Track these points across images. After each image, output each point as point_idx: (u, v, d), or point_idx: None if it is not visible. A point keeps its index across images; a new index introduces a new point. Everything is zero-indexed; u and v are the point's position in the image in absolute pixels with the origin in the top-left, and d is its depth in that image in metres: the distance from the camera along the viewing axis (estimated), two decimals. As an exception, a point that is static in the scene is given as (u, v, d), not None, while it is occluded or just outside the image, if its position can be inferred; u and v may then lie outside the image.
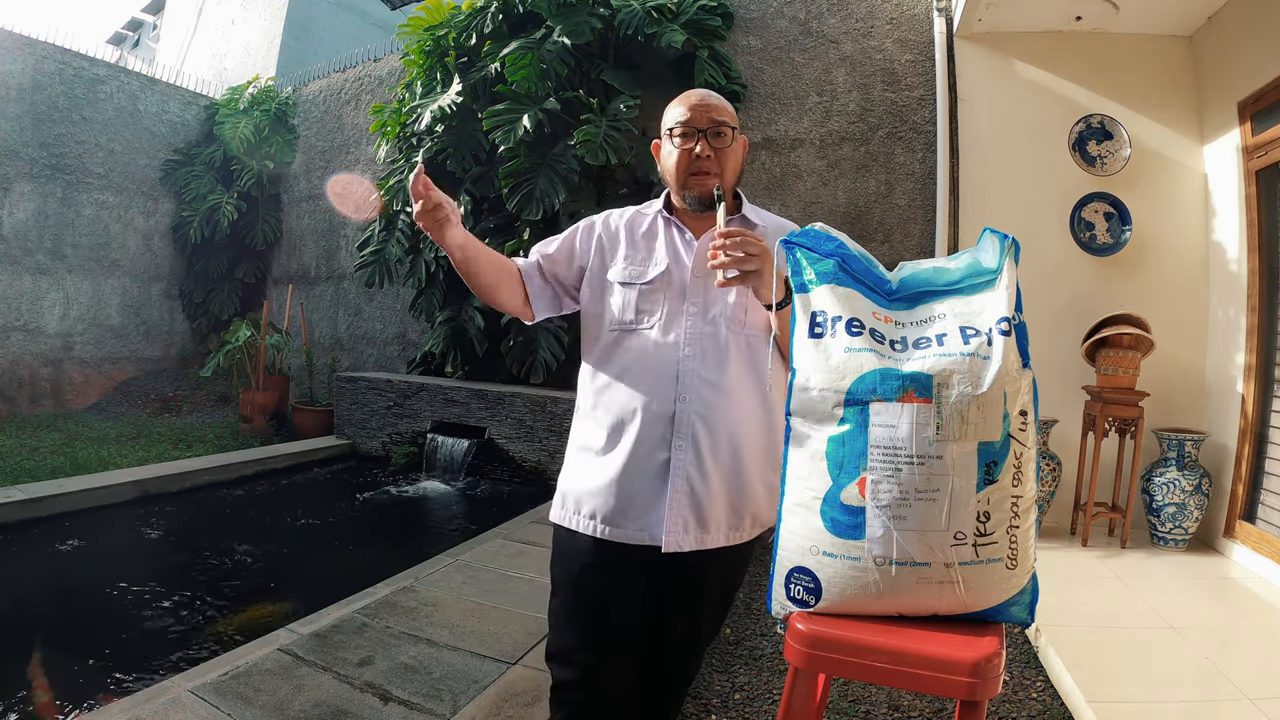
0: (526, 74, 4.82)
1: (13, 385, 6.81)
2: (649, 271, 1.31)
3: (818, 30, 4.84)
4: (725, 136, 1.29)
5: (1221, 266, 3.54)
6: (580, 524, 1.28)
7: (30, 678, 2.25)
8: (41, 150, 6.93)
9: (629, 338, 1.29)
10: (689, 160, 1.28)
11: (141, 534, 3.68)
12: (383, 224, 5.99)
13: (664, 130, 1.33)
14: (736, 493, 1.26)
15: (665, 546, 1.22)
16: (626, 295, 1.31)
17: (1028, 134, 3.92)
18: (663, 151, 1.34)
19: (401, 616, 2.40)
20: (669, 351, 1.26)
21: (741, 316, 1.27)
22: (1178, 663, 2.23)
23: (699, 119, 1.28)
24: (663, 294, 1.29)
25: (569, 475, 1.35)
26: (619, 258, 1.35)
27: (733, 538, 1.28)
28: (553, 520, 1.36)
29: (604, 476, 1.27)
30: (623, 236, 1.37)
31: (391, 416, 5.48)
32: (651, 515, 1.24)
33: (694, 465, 1.23)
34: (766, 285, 1.16)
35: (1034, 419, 1.03)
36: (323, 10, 11.56)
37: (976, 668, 0.92)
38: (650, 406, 1.24)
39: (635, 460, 1.25)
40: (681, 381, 1.24)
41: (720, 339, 1.26)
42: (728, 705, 2.08)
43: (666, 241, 1.34)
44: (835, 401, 1.03)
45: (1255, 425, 3.19)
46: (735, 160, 1.32)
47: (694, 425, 1.23)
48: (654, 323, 1.28)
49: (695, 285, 1.29)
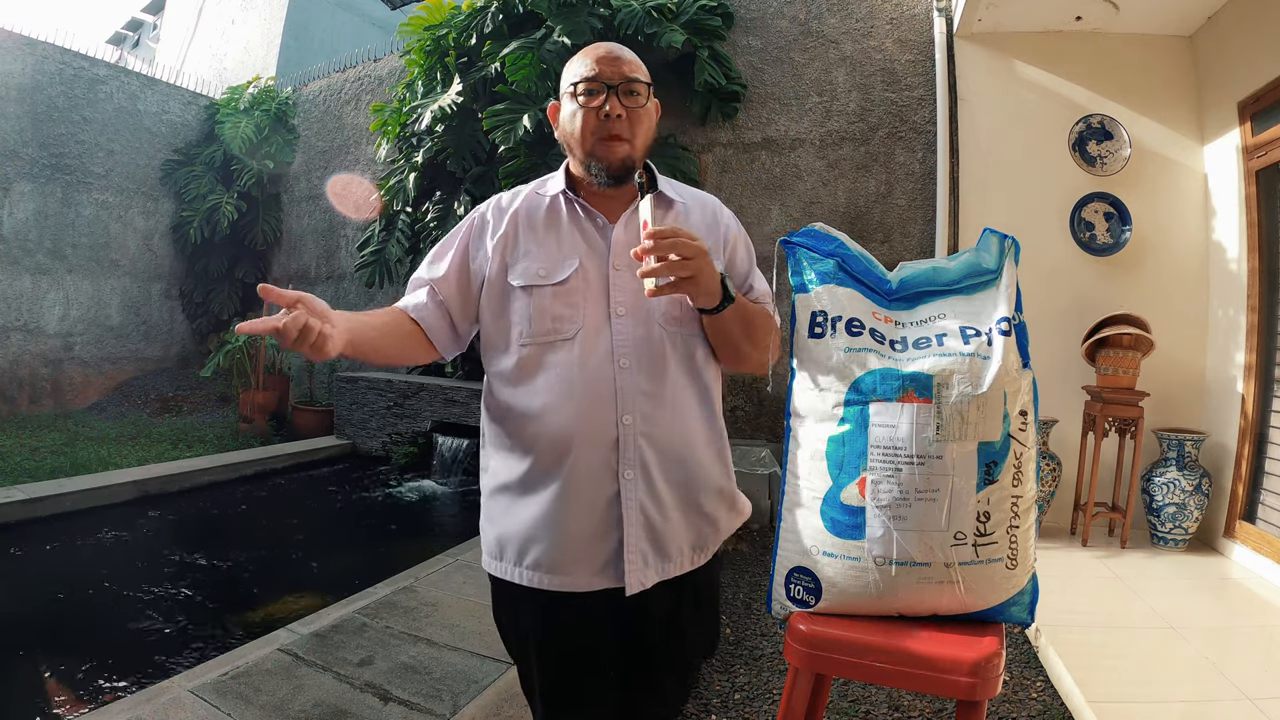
0: (526, 74, 4.82)
1: (13, 385, 6.81)
2: (560, 270, 1.08)
3: (818, 30, 4.84)
4: (639, 95, 1.09)
5: (1221, 266, 3.54)
6: (523, 576, 1.08)
7: (31, 677, 2.25)
8: (41, 150, 6.93)
9: (548, 352, 1.07)
10: (596, 121, 1.07)
11: (142, 534, 3.68)
12: (383, 224, 5.99)
13: (565, 88, 1.11)
14: (695, 512, 1.11)
15: (629, 589, 1.05)
16: (537, 301, 1.07)
17: (1028, 134, 3.91)
18: (564, 113, 1.12)
19: (401, 616, 2.40)
20: (602, 365, 1.05)
21: (677, 313, 1.09)
22: (1178, 663, 2.23)
23: (609, 73, 1.07)
24: (581, 295, 1.08)
25: (495, 520, 1.14)
26: (519, 255, 1.11)
27: (698, 559, 1.13)
28: (489, 571, 1.15)
29: (539, 519, 1.07)
30: (521, 227, 1.13)
31: (391, 416, 5.48)
32: (603, 556, 1.06)
33: (647, 494, 1.06)
34: (704, 291, 0.99)
35: (1034, 419, 1.03)
36: (323, 10, 11.56)
37: (976, 668, 0.92)
38: (588, 432, 1.04)
39: (577, 496, 1.05)
40: (622, 399, 1.05)
41: (656, 343, 1.08)
42: (728, 705, 2.08)
43: (574, 228, 1.12)
44: (835, 401, 1.03)
45: (1255, 425, 3.19)
46: (649, 125, 1.12)
47: (641, 448, 1.05)
48: (576, 331, 1.06)
49: (619, 280, 1.09)
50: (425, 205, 5.71)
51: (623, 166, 1.09)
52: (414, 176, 5.66)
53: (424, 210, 5.69)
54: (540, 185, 1.18)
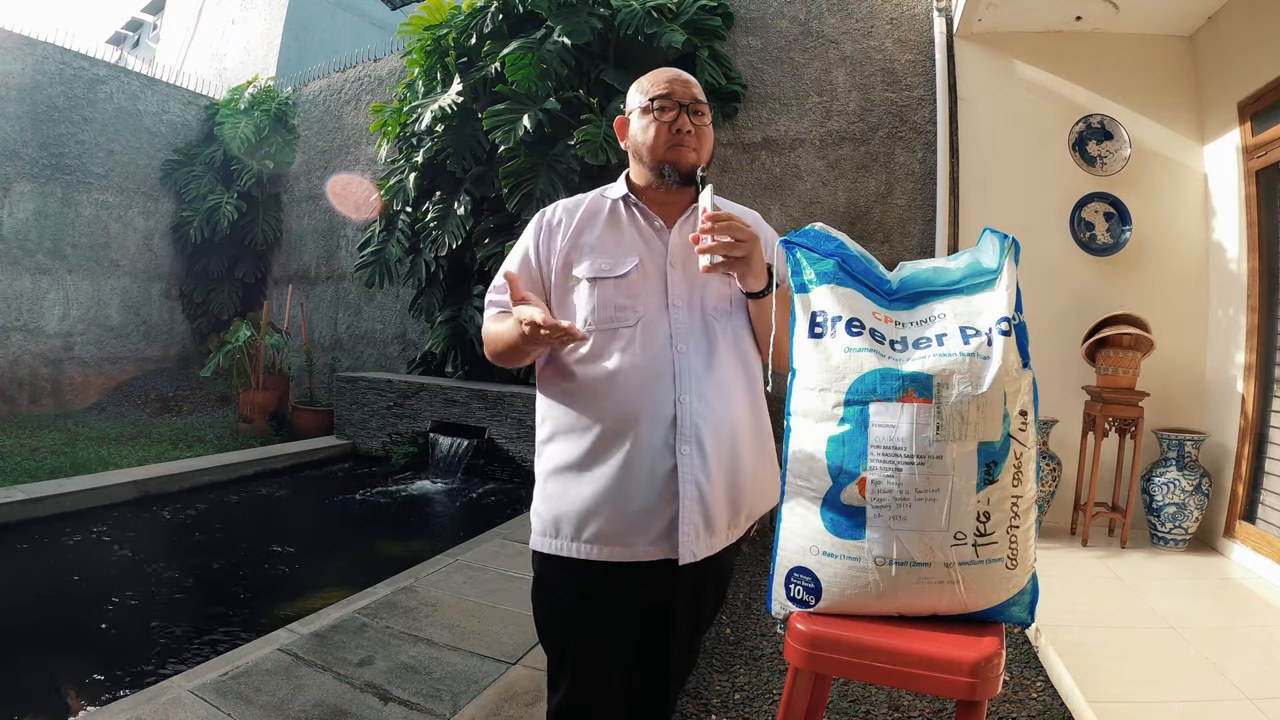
0: (526, 74, 4.82)
1: (13, 385, 6.81)
2: (622, 264, 1.20)
3: (818, 30, 4.84)
4: (704, 115, 1.24)
5: (1221, 266, 3.54)
6: (580, 550, 1.17)
7: (31, 678, 2.25)
8: (41, 150, 6.93)
9: (612, 339, 1.18)
10: (669, 134, 1.21)
11: (141, 534, 3.68)
12: (383, 224, 5.99)
13: (638, 104, 1.24)
14: (734, 489, 1.21)
15: (682, 559, 1.15)
16: (601, 292, 1.19)
17: (1028, 134, 3.92)
18: (635, 125, 1.25)
19: (401, 616, 2.40)
20: (662, 349, 1.17)
21: (726, 307, 1.23)
22: (1178, 663, 2.23)
23: (681, 93, 1.22)
24: (641, 288, 1.20)
25: (551, 500, 1.22)
26: (584, 250, 1.23)
27: (732, 536, 1.24)
28: (539, 550, 1.22)
29: (600, 495, 1.16)
30: (584, 227, 1.25)
31: (391, 416, 5.48)
32: (656, 528, 1.15)
33: (700, 469, 1.16)
34: (754, 273, 1.13)
35: (1034, 419, 1.03)
36: (322, 10, 11.56)
37: (976, 668, 0.92)
38: (650, 411, 1.15)
39: (637, 471, 1.15)
40: (680, 381, 1.16)
41: (709, 332, 1.21)
42: (728, 705, 2.08)
43: (634, 229, 1.24)
44: (835, 401, 1.03)
45: (1255, 425, 3.19)
46: (710, 142, 1.27)
47: (697, 426, 1.16)
48: (638, 320, 1.18)
49: (675, 276, 1.22)
50: (425, 205, 5.71)
51: (692, 169, 1.22)
52: (414, 176, 5.66)
53: (424, 210, 5.70)
54: (603, 191, 1.31)
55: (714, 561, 1.22)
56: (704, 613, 1.32)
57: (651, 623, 1.25)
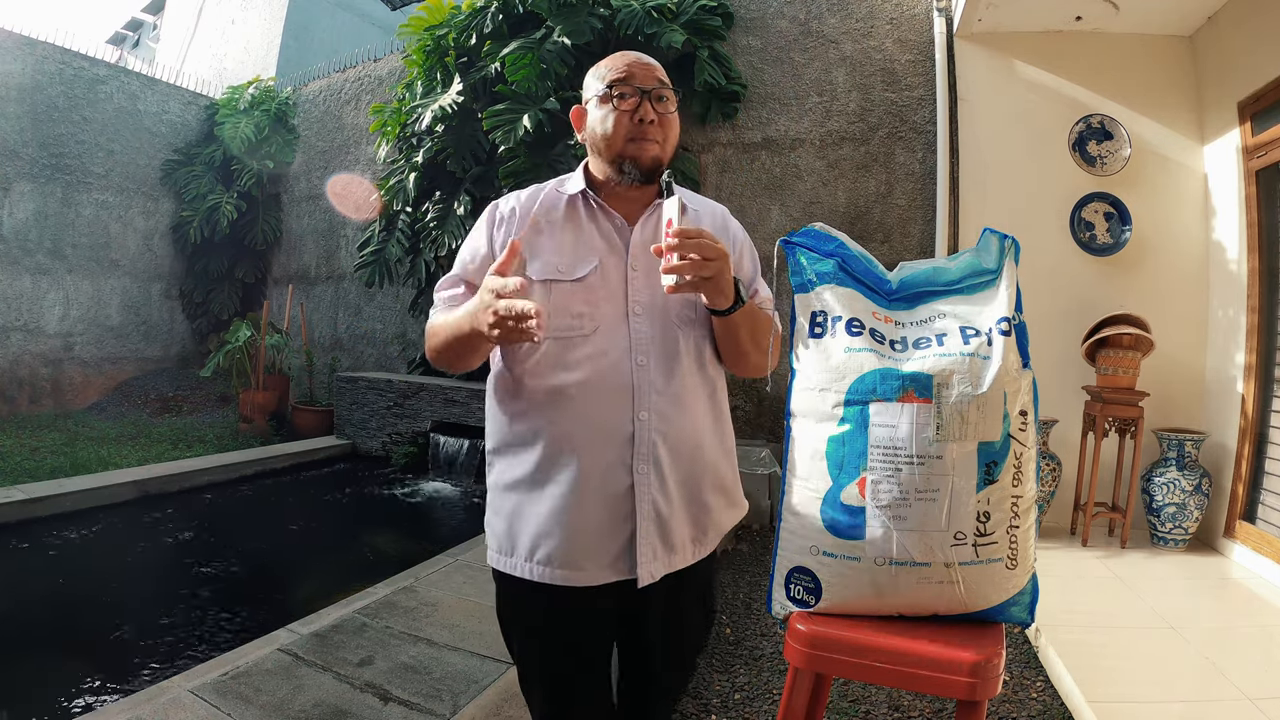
0: (526, 74, 4.82)
1: (13, 385, 6.81)
2: (580, 266, 1.10)
3: (818, 30, 4.84)
4: (668, 101, 1.13)
5: (1221, 266, 3.54)
6: (533, 571, 1.10)
7: (31, 677, 2.25)
8: (41, 150, 6.93)
9: (565, 348, 1.08)
10: (630, 124, 1.10)
11: (142, 534, 3.68)
12: (383, 224, 5.99)
13: (595, 92, 1.13)
14: (697, 505, 1.15)
15: (641, 581, 1.09)
16: (556, 296, 1.08)
17: (1028, 134, 3.92)
18: (593, 115, 1.14)
19: (401, 616, 2.40)
20: (621, 361, 1.08)
21: (690, 314, 1.14)
22: (1178, 663, 2.23)
23: (643, 78, 1.11)
24: (600, 293, 1.10)
25: (503, 514, 1.15)
26: (538, 249, 1.12)
27: (698, 553, 1.17)
28: (495, 567, 1.16)
29: (552, 514, 1.08)
30: (539, 223, 1.14)
31: (391, 416, 5.48)
32: (613, 549, 1.09)
33: (658, 488, 1.09)
34: (721, 292, 1.01)
35: (1034, 419, 1.03)
36: (322, 10, 11.56)
37: (976, 668, 0.92)
38: (604, 427, 1.07)
39: (588, 490, 1.07)
40: (638, 396, 1.08)
41: (670, 342, 1.11)
42: (728, 705, 2.08)
43: (593, 227, 1.14)
44: (835, 401, 1.03)
45: (1255, 425, 3.19)
46: (676, 130, 1.15)
47: (655, 444, 1.09)
48: (594, 328, 1.08)
49: (636, 280, 1.12)
50: (425, 205, 5.71)
51: (654, 165, 1.12)
52: (414, 176, 5.66)
53: (424, 210, 5.69)
54: (559, 184, 1.19)
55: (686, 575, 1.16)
56: (688, 623, 1.25)
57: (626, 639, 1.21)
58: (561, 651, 1.15)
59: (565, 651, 1.15)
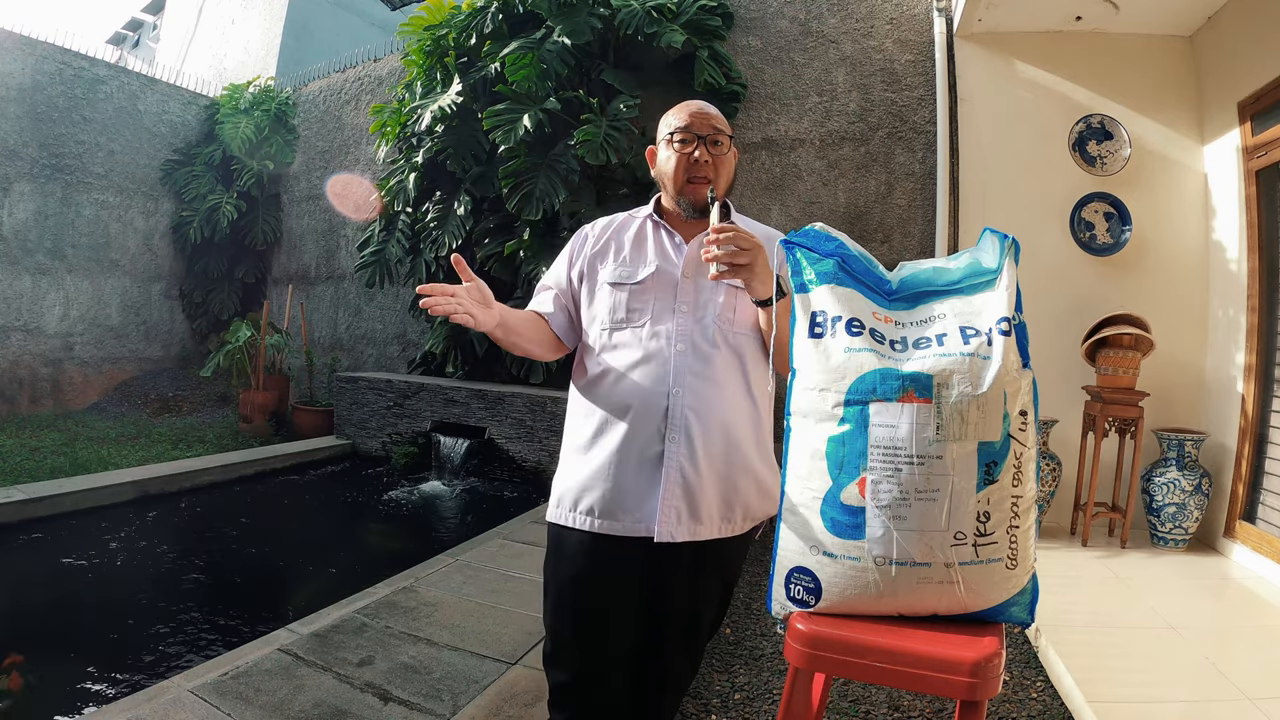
0: (526, 74, 4.82)
1: (13, 385, 6.81)
2: (639, 272, 1.35)
3: (818, 30, 4.84)
4: (722, 145, 1.35)
5: (1221, 266, 3.54)
6: (576, 520, 1.31)
7: (31, 678, 2.25)
8: (41, 150, 6.93)
9: (620, 335, 1.33)
10: (687, 165, 1.33)
11: (142, 534, 3.68)
12: (383, 224, 5.99)
13: (662, 136, 1.38)
14: (727, 483, 1.29)
15: (658, 536, 1.25)
16: (617, 295, 1.35)
17: (1028, 134, 3.91)
18: (660, 156, 1.39)
19: (401, 616, 2.40)
20: (661, 346, 1.30)
21: (730, 315, 1.32)
22: (1178, 663, 2.23)
23: (700, 125, 1.34)
24: (653, 294, 1.33)
25: (562, 475, 1.38)
26: (609, 260, 1.39)
27: (724, 529, 1.30)
28: (548, 520, 1.38)
29: (597, 472, 1.30)
30: (613, 240, 1.42)
31: (391, 416, 5.48)
32: (645, 508, 1.26)
33: (686, 457, 1.26)
34: (759, 280, 1.19)
35: (1034, 419, 1.03)
36: (323, 10, 11.56)
37: (976, 668, 0.92)
38: (643, 399, 1.28)
39: (628, 453, 1.28)
40: (674, 375, 1.28)
41: (709, 336, 1.30)
42: (728, 705, 2.08)
43: (656, 244, 1.39)
44: (835, 401, 1.03)
45: (1255, 425, 3.19)
46: (729, 168, 1.38)
47: (686, 417, 1.27)
48: (645, 320, 1.32)
49: (685, 285, 1.34)
50: (425, 205, 5.71)
51: (704, 202, 1.33)
52: (414, 176, 5.66)
53: (424, 210, 5.70)
54: (635, 211, 1.48)
55: (710, 550, 1.30)
56: (703, 601, 1.36)
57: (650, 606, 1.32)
58: (593, 598, 1.30)
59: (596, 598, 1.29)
